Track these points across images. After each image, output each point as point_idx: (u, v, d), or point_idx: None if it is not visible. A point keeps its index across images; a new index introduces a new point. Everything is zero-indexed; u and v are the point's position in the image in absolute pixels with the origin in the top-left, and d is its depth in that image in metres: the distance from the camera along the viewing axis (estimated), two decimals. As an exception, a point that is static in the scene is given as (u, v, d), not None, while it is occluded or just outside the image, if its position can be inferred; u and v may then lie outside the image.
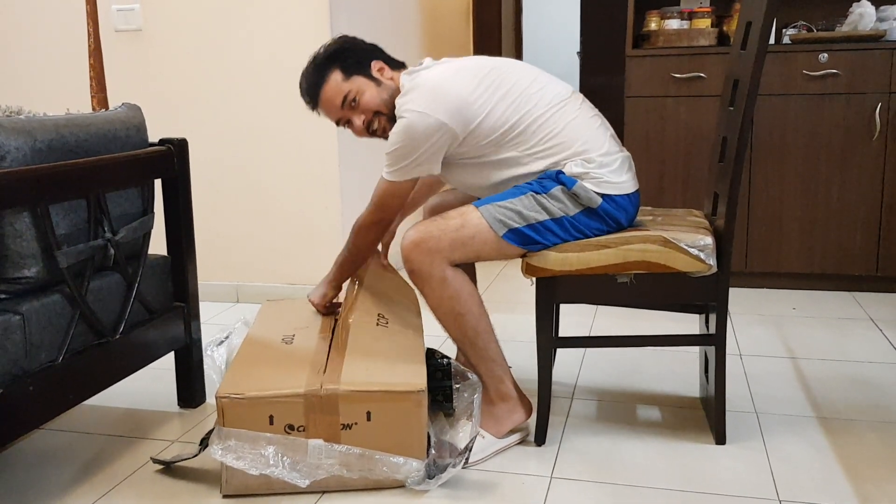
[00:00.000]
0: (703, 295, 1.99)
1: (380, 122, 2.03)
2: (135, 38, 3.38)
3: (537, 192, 1.93)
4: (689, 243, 1.91)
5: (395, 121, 1.98)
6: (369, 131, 2.05)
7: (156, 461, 1.98)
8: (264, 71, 3.27)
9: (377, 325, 2.07)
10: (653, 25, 3.54)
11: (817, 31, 3.44)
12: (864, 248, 3.33)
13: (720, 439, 2.03)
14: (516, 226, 1.91)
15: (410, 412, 1.81)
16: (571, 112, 2.00)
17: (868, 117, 3.22)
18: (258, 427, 1.78)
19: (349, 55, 2.03)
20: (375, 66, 2.03)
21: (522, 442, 2.06)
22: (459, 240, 1.90)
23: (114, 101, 2.61)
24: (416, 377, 1.84)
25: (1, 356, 1.68)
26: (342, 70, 2.01)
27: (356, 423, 1.80)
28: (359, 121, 2.03)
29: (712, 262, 1.92)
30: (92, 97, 2.56)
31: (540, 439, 2.04)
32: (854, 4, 3.33)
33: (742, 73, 1.97)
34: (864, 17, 3.27)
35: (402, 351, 1.98)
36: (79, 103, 2.90)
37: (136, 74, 3.39)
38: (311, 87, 2.04)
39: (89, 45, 2.55)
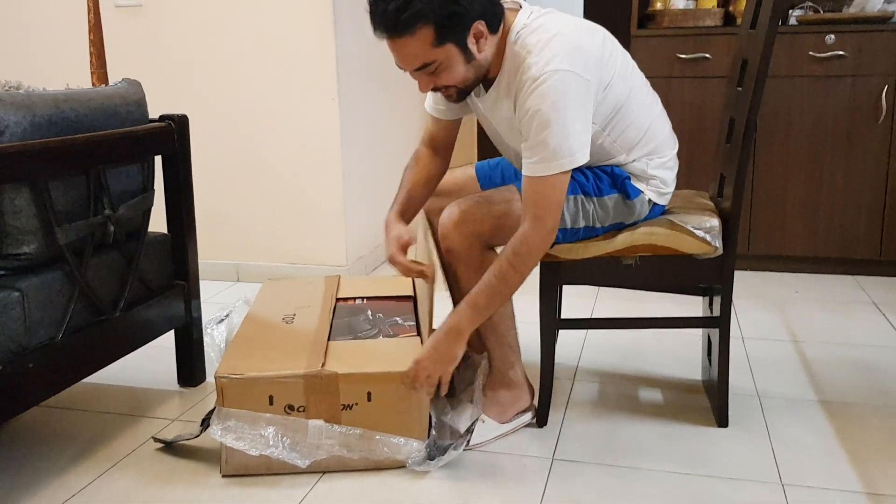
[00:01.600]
0: (708, 277, 1.97)
1: (449, 90, 1.76)
2: (135, 13, 3.34)
3: (588, 195, 1.86)
4: (696, 225, 1.90)
5: (464, 94, 1.78)
6: (432, 89, 1.77)
7: (157, 440, 1.97)
8: (266, 48, 3.24)
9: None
10: (658, 5, 3.51)
11: (824, 12, 3.40)
12: (868, 232, 3.31)
13: (723, 422, 2.02)
14: None
15: (411, 392, 1.80)
16: (658, 104, 1.92)
17: (874, 100, 3.19)
18: (258, 407, 1.77)
19: (455, 12, 1.61)
20: (475, 30, 1.66)
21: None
22: (501, 227, 1.84)
23: (114, 76, 2.59)
24: (414, 356, 1.83)
25: (0, 333, 1.66)
26: (437, 30, 1.61)
27: (356, 404, 1.79)
28: (427, 86, 1.74)
29: (718, 244, 1.90)
30: (92, 73, 2.53)
31: (541, 421, 2.04)
32: (862, -15, 3.30)
33: (751, 53, 1.95)
34: (871, -2, 3.24)
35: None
36: (78, 79, 2.88)
37: (137, 50, 3.35)
38: (391, 28, 1.62)
39: (89, 21, 2.52)
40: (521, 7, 1.78)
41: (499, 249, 1.82)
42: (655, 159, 1.90)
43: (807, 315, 2.90)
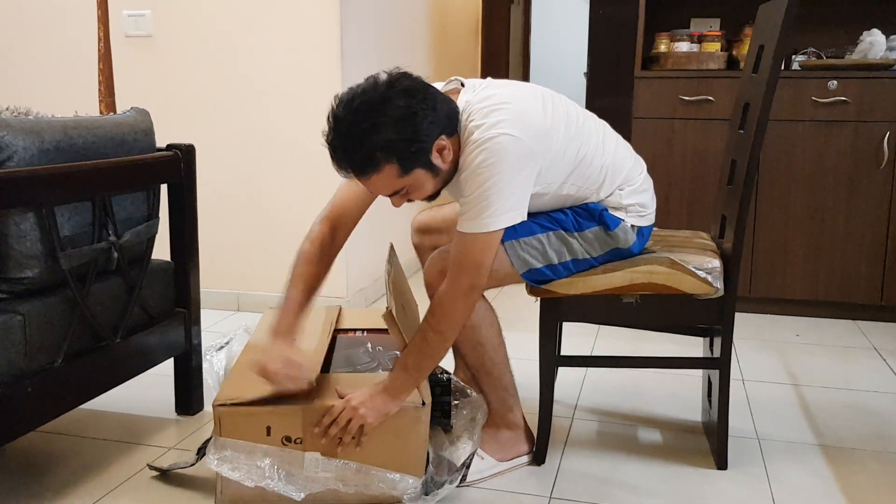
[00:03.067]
0: (709, 318, 1.97)
1: (423, 199, 1.79)
2: (145, 43, 3.38)
3: (567, 230, 1.87)
4: (697, 265, 1.90)
5: (438, 193, 1.78)
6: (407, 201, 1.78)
7: (152, 468, 1.96)
8: (273, 80, 3.27)
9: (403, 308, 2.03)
10: (662, 47, 3.55)
11: (827, 58, 3.44)
12: (869, 277, 3.31)
13: (722, 464, 2.01)
14: (537, 265, 1.86)
15: (409, 427, 1.79)
16: (612, 138, 1.93)
17: (876, 146, 3.21)
18: (255, 437, 1.76)
19: (414, 142, 1.61)
20: (437, 146, 1.65)
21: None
22: None
23: (122, 105, 2.61)
24: (418, 391, 1.82)
25: (0, 356, 1.66)
26: (401, 164, 1.62)
27: (353, 437, 1.78)
28: (400, 203, 1.74)
29: (719, 285, 1.90)
30: (100, 101, 2.56)
31: (539, 459, 2.02)
32: (864, 33, 3.34)
33: (753, 96, 1.97)
34: (874, 45, 3.28)
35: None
36: (87, 107, 2.90)
37: (146, 80, 3.39)
38: (356, 168, 1.64)
39: (99, 50, 2.56)
40: (462, 85, 1.78)
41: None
42: (626, 188, 1.91)
43: (807, 359, 2.90)
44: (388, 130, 1.58)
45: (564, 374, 2.62)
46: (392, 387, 1.75)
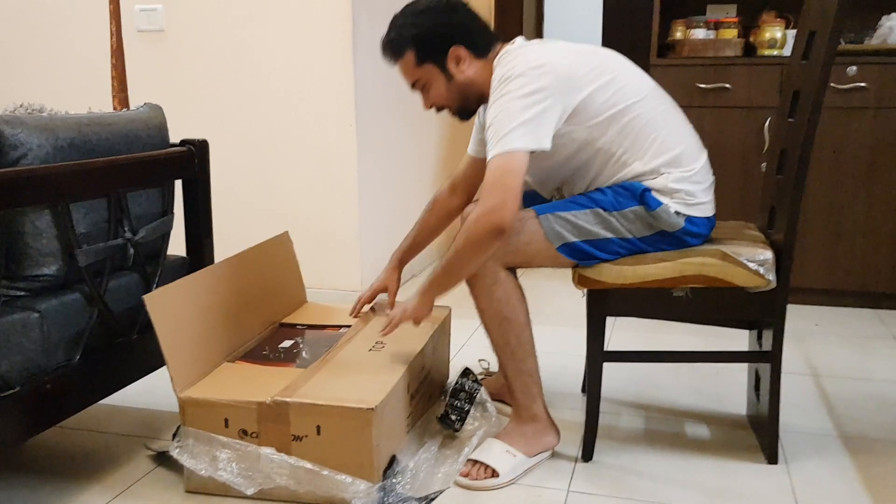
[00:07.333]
0: (760, 310, 1.93)
1: (451, 111, 2.00)
2: (157, 38, 3.38)
3: (606, 210, 1.85)
4: (749, 258, 1.86)
5: (462, 112, 2.00)
6: (432, 108, 2.01)
7: (149, 448, 2.02)
8: (285, 74, 3.27)
9: (370, 350, 2.05)
10: (678, 35, 3.51)
11: (846, 43, 3.40)
12: (890, 266, 3.27)
13: (772, 459, 1.98)
14: (573, 240, 1.85)
15: (359, 430, 1.73)
16: (674, 114, 1.92)
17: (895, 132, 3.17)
18: (215, 428, 1.80)
19: (428, 38, 1.90)
20: (453, 54, 1.90)
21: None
22: (514, 244, 1.85)
23: (135, 101, 2.61)
24: (371, 395, 1.76)
25: (19, 354, 1.67)
26: (416, 54, 1.91)
27: (307, 436, 1.76)
28: (426, 103, 2.00)
29: (772, 277, 1.87)
30: (113, 97, 2.56)
31: (587, 455, 2.00)
32: (883, 17, 3.29)
33: (804, 84, 1.91)
34: (893, 30, 3.23)
35: (378, 370, 1.93)
36: (100, 103, 2.91)
37: (158, 75, 3.39)
38: (388, 57, 1.97)
39: (111, 45, 2.56)
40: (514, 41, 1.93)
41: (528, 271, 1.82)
42: (675, 172, 1.87)
43: (827, 349, 2.87)
44: (407, 19, 1.92)
45: (576, 369, 2.61)
46: (421, 288, 1.92)
